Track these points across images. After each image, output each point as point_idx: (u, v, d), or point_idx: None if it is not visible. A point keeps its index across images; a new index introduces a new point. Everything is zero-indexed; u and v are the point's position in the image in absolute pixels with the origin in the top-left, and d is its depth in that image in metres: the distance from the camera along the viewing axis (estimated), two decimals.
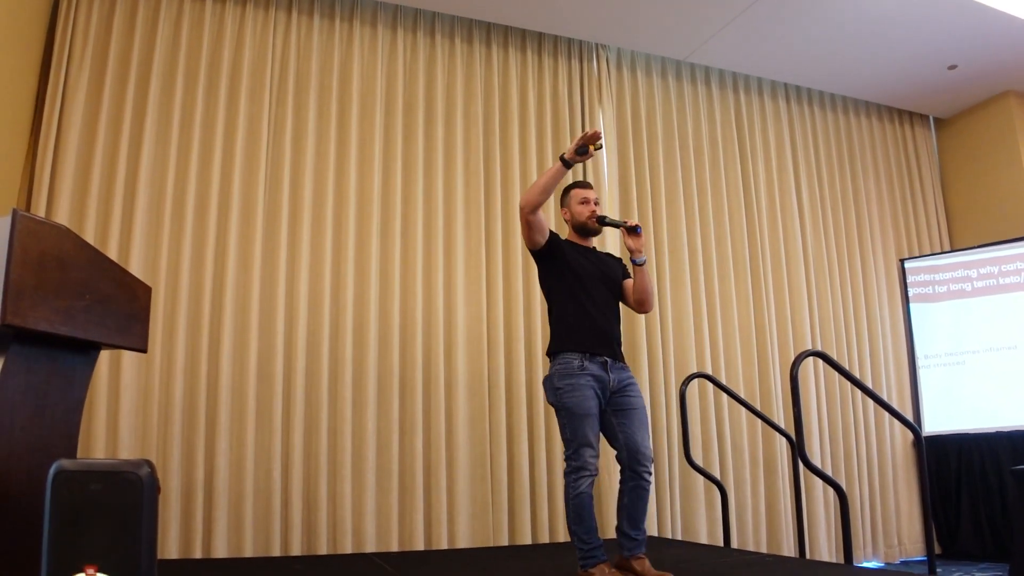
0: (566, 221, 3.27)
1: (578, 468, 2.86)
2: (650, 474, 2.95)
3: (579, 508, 2.85)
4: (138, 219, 4.07)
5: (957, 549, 5.64)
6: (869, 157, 6.47)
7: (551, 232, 3.09)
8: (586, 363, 2.96)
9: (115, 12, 4.28)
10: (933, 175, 6.77)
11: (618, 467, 2.99)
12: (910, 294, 6.22)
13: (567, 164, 2.92)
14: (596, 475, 2.89)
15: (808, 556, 4.94)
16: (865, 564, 5.42)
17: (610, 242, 4.90)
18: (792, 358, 5.12)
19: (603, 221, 3.18)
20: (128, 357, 3.89)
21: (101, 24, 4.26)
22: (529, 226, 3.02)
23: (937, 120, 6.96)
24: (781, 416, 5.36)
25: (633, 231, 3.04)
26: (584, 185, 3.28)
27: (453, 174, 4.83)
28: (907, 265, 6.27)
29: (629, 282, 3.23)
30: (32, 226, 1.76)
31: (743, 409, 5.13)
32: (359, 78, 4.75)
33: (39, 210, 3.86)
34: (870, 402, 5.76)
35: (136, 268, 4.00)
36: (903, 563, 5.59)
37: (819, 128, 6.28)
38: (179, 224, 4.18)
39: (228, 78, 4.46)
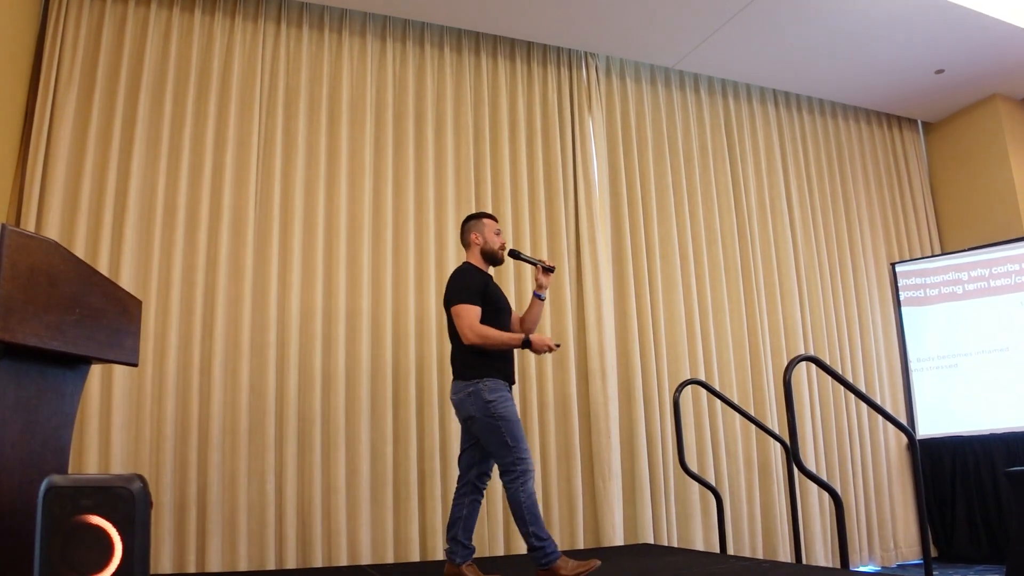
0: (475, 244, 3.45)
1: (525, 471, 3.12)
2: None
3: (534, 507, 3.09)
4: (128, 232, 4.06)
5: (953, 552, 5.65)
6: (858, 162, 6.50)
7: (477, 285, 3.29)
8: (509, 386, 3.29)
9: (104, 25, 4.27)
10: (922, 179, 6.81)
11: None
12: (901, 298, 6.24)
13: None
14: None
15: (804, 561, 4.94)
16: (862, 568, 5.42)
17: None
18: (785, 363, 5.15)
19: (514, 255, 3.52)
20: (119, 371, 3.87)
21: (90, 37, 4.26)
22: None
23: (925, 124, 7.01)
24: (775, 421, 5.37)
25: (550, 271, 3.45)
26: (496, 219, 3.56)
27: (444, 183, 4.84)
28: (898, 269, 6.30)
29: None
30: (21, 241, 1.75)
31: (737, 415, 5.14)
32: (349, 89, 4.75)
33: (28, 224, 3.85)
34: (864, 406, 5.78)
35: (126, 282, 3.98)
36: (899, 567, 5.59)
37: (808, 133, 6.31)
38: (170, 237, 4.16)
39: (218, 90, 4.46)
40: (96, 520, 1.56)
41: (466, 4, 4.84)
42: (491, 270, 3.51)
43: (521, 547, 4.43)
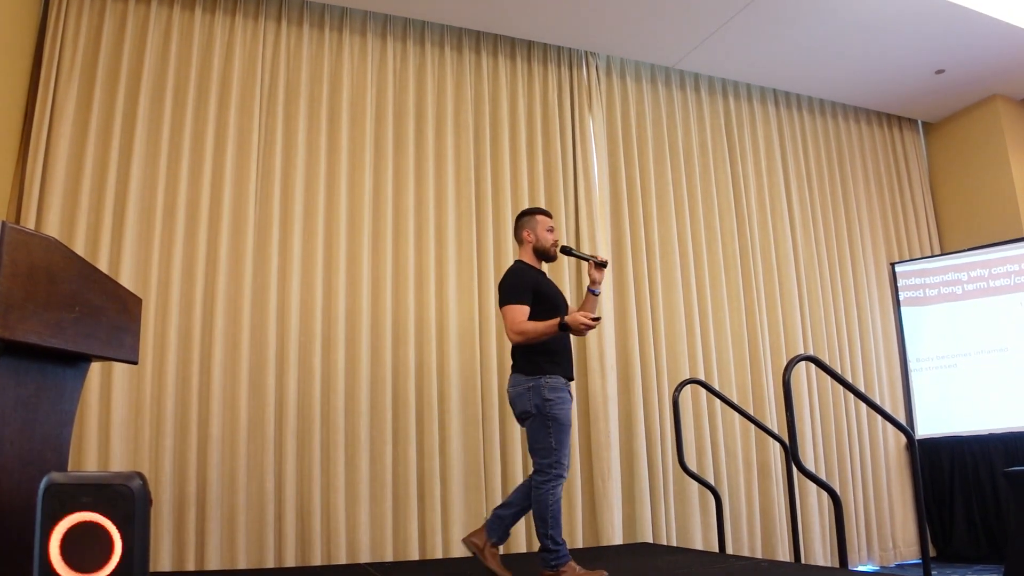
0: (527, 241, 3.46)
1: (559, 476, 3.14)
2: None
3: (558, 512, 3.12)
4: (128, 230, 4.06)
5: (952, 551, 5.65)
6: (858, 161, 6.50)
7: (528, 284, 3.29)
8: (568, 384, 3.28)
9: (104, 24, 4.27)
10: (922, 179, 6.81)
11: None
12: (901, 298, 6.24)
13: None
14: None
15: (803, 560, 4.94)
16: (860, 568, 5.42)
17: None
18: (784, 363, 5.14)
19: (567, 251, 3.50)
20: (119, 369, 3.87)
21: (90, 36, 4.25)
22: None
23: (925, 124, 7.01)
24: (774, 421, 5.37)
25: (603, 266, 3.38)
26: (549, 214, 3.52)
27: (444, 183, 4.84)
28: (898, 269, 6.30)
29: None
30: (21, 238, 1.75)
31: (736, 414, 5.13)
32: (349, 88, 4.75)
33: (28, 222, 3.84)
34: (863, 406, 5.78)
35: (126, 279, 3.98)
36: (898, 566, 5.59)
37: (808, 133, 6.31)
38: (169, 235, 4.16)
39: (218, 89, 4.46)
40: (95, 518, 1.57)
41: (467, 3, 4.84)
42: (544, 266, 3.52)
43: (520, 545, 4.44)
